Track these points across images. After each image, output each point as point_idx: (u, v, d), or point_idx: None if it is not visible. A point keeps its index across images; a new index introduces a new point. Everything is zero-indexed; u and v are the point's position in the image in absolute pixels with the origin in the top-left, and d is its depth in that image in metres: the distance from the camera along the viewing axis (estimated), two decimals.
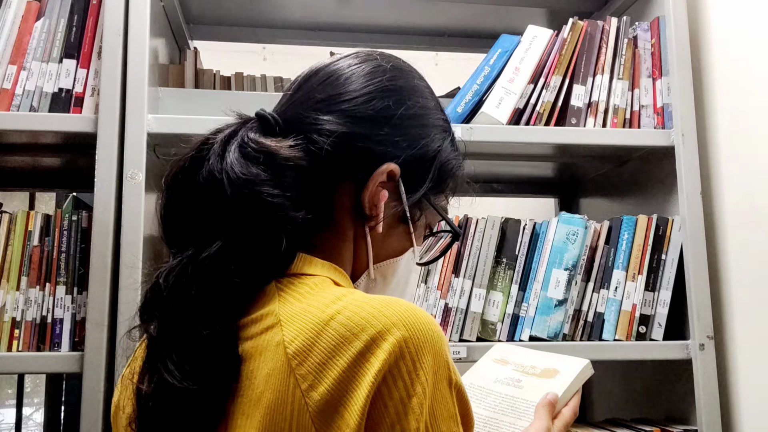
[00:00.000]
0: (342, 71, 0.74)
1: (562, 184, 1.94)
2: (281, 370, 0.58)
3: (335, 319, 0.59)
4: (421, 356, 0.58)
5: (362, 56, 0.77)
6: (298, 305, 0.62)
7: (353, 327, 0.58)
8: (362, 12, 1.75)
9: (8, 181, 1.68)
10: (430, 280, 1.34)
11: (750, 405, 1.32)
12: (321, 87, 0.73)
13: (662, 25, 1.46)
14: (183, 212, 0.67)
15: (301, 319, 0.60)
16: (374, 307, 0.59)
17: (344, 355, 0.57)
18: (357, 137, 0.71)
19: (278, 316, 0.61)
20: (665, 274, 1.38)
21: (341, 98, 0.72)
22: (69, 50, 1.29)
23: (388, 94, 0.74)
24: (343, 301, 0.61)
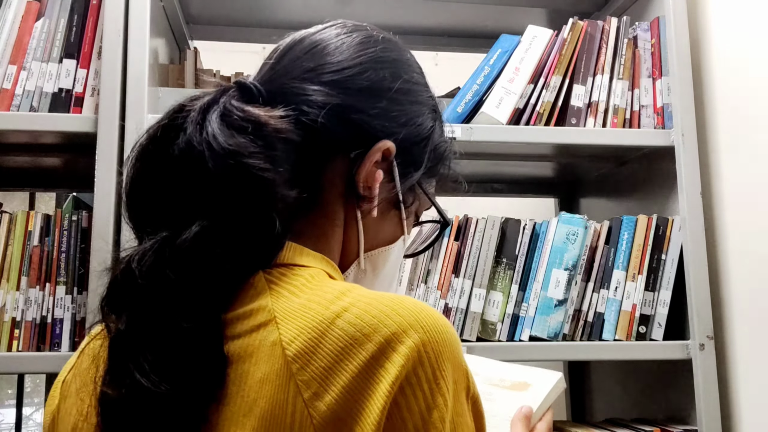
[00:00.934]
0: (330, 40, 0.69)
1: (562, 184, 1.94)
2: (279, 374, 0.50)
3: (342, 318, 0.51)
4: (441, 363, 0.51)
5: (351, 26, 0.72)
6: (295, 300, 0.54)
7: (363, 327, 0.51)
8: (362, 12, 1.75)
9: (8, 181, 1.68)
10: (430, 280, 1.34)
11: (750, 405, 1.32)
12: (308, 56, 0.66)
13: (662, 25, 1.46)
14: (154, 188, 0.58)
15: (301, 317, 0.52)
16: (385, 305, 0.52)
17: (354, 359, 0.50)
18: (351, 109, 0.65)
19: (272, 312, 0.53)
20: (665, 274, 1.38)
21: (331, 68, 0.66)
22: (69, 50, 1.29)
23: (383, 65, 0.69)
24: (349, 297, 0.53)
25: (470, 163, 1.68)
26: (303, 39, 0.69)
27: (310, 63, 0.66)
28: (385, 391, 0.48)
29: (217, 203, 0.55)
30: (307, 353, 0.50)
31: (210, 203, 0.55)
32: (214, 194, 0.55)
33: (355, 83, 0.66)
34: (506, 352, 1.34)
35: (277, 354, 0.50)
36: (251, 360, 0.51)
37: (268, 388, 0.50)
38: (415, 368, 0.50)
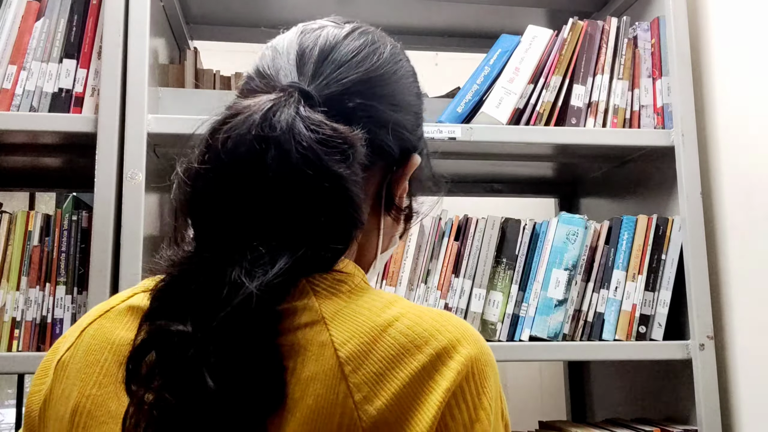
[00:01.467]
0: (367, 50, 0.68)
1: (562, 184, 1.94)
2: (329, 374, 0.50)
3: (394, 326, 0.53)
4: (486, 379, 0.53)
5: (372, 32, 0.72)
6: (341, 304, 0.55)
7: (416, 338, 0.52)
8: (362, 12, 1.75)
9: (8, 181, 1.68)
10: (430, 280, 1.34)
11: (750, 405, 1.32)
12: (350, 67, 0.65)
13: (662, 25, 1.46)
14: (232, 199, 0.56)
15: (351, 321, 0.53)
16: (435, 319, 0.54)
17: (406, 367, 0.51)
18: (400, 125, 0.66)
19: (320, 312, 0.54)
20: (665, 274, 1.38)
21: (380, 82, 0.65)
22: (69, 50, 1.29)
23: (411, 78, 0.70)
24: (398, 307, 0.55)
25: (470, 163, 1.69)
26: (336, 47, 0.68)
27: (358, 76, 0.65)
28: (437, 402, 0.50)
29: (307, 219, 0.56)
30: (360, 356, 0.51)
31: (298, 217, 0.56)
32: (305, 209, 0.56)
33: (400, 99, 0.67)
34: (506, 352, 1.34)
35: (328, 354, 0.51)
36: (297, 358, 0.52)
37: (316, 387, 0.50)
38: (464, 381, 0.51)
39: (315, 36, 0.68)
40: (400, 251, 1.33)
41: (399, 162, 0.67)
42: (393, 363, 0.51)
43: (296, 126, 0.56)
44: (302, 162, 0.55)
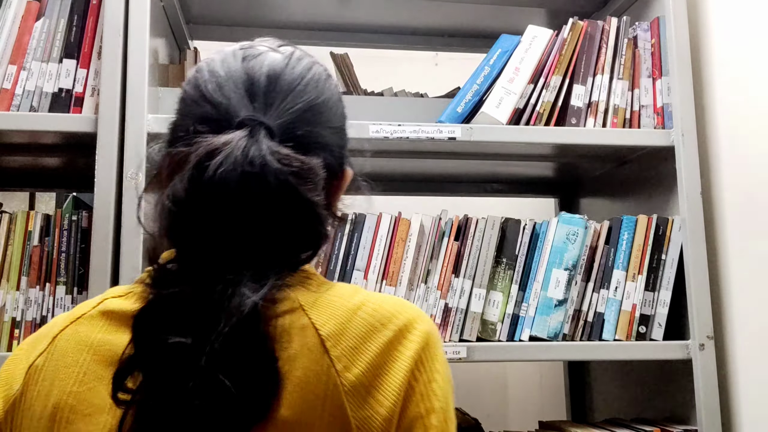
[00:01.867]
0: (306, 75, 0.73)
1: (562, 184, 1.94)
2: (312, 350, 0.61)
3: (362, 309, 0.65)
4: (437, 349, 0.66)
5: (305, 56, 0.77)
6: (314, 295, 0.66)
7: (381, 317, 0.64)
8: (362, 12, 1.75)
9: (8, 181, 1.68)
10: (430, 280, 1.34)
11: (750, 405, 1.32)
12: (296, 96, 0.71)
13: (662, 25, 1.46)
14: (207, 214, 0.64)
15: (326, 307, 0.64)
16: (394, 302, 0.67)
17: (376, 341, 0.63)
18: (338, 146, 0.75)
19: (297, 301, 0.64)
20: (665, 274, 1.38)
21: (320, 108, 0.72)
22: (69, 50, 1.29)
23: (339, 98, 0.77)
24: (362, 294, 0.67)
25: (470, 163, 1.69)
26: (281, 75, 0.72)
27: (303, 104, 0.71)
28: (404, 366, 0.62)
29: (286, 237, 0.65)
30: (338, 334, 0.62)
31: (278, 237, 0.65)
32: (284, 230, 0.65)
33: (335, 120, 0.75)
34: (506, 352, 1.34)
35: (310, 334, 0.62)
36: (282, 339, 0.61)
37: (303, 361, 0.60)
38: (423, 349, 0.64)
39: (259, 63, 0.72)
40: (400, 251, 1.33)
41: (338, 177, 0.75)
42: (365, 338, 0.63)
43: (271, 162, 0.63)
44: (280, 193, 0.63)
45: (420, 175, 1.82)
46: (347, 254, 1.32)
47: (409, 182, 1.87)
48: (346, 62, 1.70)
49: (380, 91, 1.74)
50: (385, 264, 1.33)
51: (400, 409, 0.61)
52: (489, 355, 1.32)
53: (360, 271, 1.32)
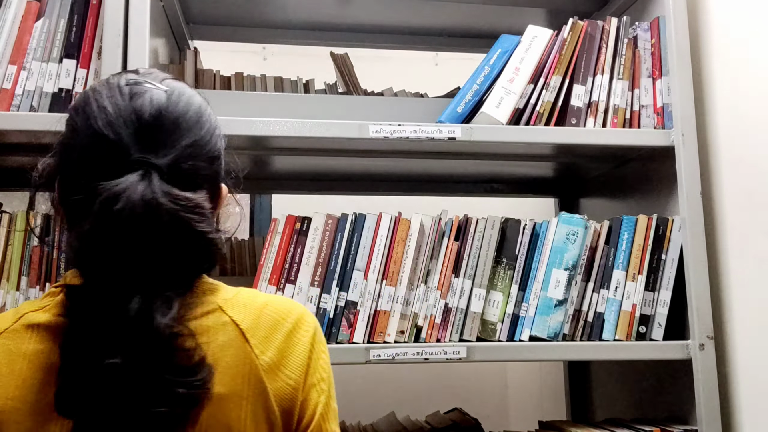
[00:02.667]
0: (188, 111, 0.82)
1: (562, 184, 1.94)
2: (237, 341, 0.78)
3: (267, 308, 0.82)
4: (321, 335, 0.86)
5: (182, 87, 0.85)
6: (228, 298, 0.82)
7: (281, 314, 0.83)
8: (362, 12, 1.75)
9: (8, 181, 1.67)
10: (430, 280, 1.34)
11: (750, 405, 1.32)
12: (180, 133, 0.80)
13: (662, 25, 1.46)
14: (115, 248, 0.73)
15: (241, 307, 0.81)
16: (284, 301, 0.85)
17: (280, 331, 0.81)
18: (218, 174, 0.86)
19: (216, 303, 0.80)
20: (665, 274, 1.38)
21: (201, 141, 0.82)
22: (69, 50, 1.29)
23: (218, 124, 0.87)
24: (261, 296, 0.85)
25: (470, 163, 1.69)
26: (165, 112, 0.80)
27: (187, 139, 0.80)
28: (304, 348, 0.82)
29: (187, 261, 0.78)
30: (253, 327, 0.80)
31: (181, 262, 0.76)
32: (186, 256, 0.77)
33: (215, 150, 0.85)
34: (506, 352, 1.34)
35: (231, 329, 0.79)
36: (207, 334, 0.77)
37: (230, 350, 0.77)
38: (313, 336, 0.84)
39: (146, 101, 0.79)
40: (400, 251, 1.33)
41: (217, 196, 0.87)
42: (272, 329, 0.81)
43: (164, 204, 0.74)
44: (174, 228, 0.74)
45: (420, 175, 1.82)
46: (347, 254, 1.32)
47: (409, 182, 1.87)
48: (346, 62, 1.70)
49: (380, 91, 1.74)
50: (385, 264, 1.33)
51: (303, 379, 0.81)
52: (489, 355, 1.32)
53: (360, 271, 1.32)
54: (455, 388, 2.26)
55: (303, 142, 1.38)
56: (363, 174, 1.79)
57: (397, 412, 1.70)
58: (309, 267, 1.31)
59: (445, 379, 2.27)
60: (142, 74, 0.84)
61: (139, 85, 0.81)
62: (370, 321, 1.30)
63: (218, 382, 0.75)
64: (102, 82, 0.83)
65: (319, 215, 1.33)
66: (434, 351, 1.29)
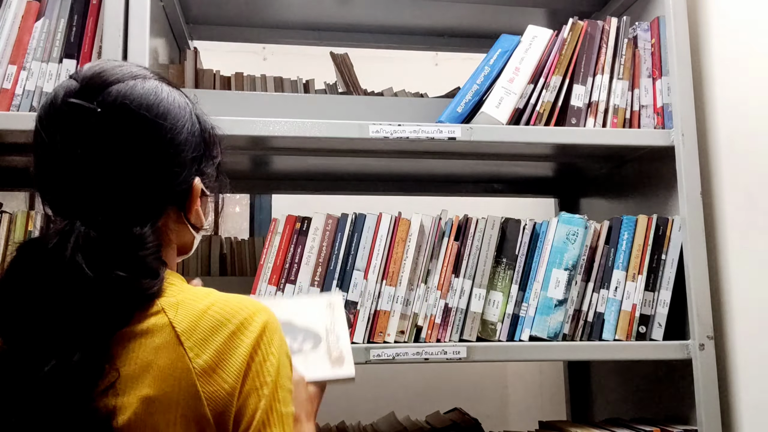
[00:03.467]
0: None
1: (562, 184, 1.94)
2: (170, 343, 0.76)
3: (211, 309, 0.79)
4: (273, 334, 0.81)
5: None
6: (174, 299, 0.80)
7: (226, 314, 0.79)
8: (362, 12, 1.75)
9: (8, 181, 1.68)
10: (430, 280, 1.34)
11: (750, 405, 1.32)
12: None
13: (662, 25, 1.46)
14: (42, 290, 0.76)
15: (182, 308, 0.79)
16: (237, 301, 0.81)
17: (221, 333, 0.78)
18: (178, 179, 0.86)
19: (160, 305, 0.78)
20: (665, 274, 1.38)
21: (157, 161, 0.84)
22: (69, 50, 1.29)
23: (188, 126, 0.88)
24: (212, 296, 0.82)
25: (470, 163, 1.69)
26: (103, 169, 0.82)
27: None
28: (244, 351, 0.78)
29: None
30: (191, 330, 0.77)
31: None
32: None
33: (180, 160, 0.86)
34: (506, 352, 1.34)
35: (168, 331, 0.77)
36: (146, 335, 0.76)
37: (162, 353, 0.76)
38: (260, 337, 0.80)
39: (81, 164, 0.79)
40: (400, 251, 1.33)
41: (184, 196, 0.86)
42: (212, 331, 0.78)
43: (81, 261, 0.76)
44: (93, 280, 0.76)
45: (420, 175, 1.82)
46: (347, 254, 1.32)
47: (409, 182, 1.87)
48: (346, 62, 1.70)
49: (380, 91, 1.74)
50: (385, 264, 1.33)
51: (240, 384, 0.77)
52: (489, 355, 1.32)
53: (360, 271, 1.32)
54: (455, 388, 2.26)
55: (303, 142, 1.38)
56: (363, 174, 1.79)
57: (397, 412, 1.70)
58: (309, 267, 1.31)
59: (445, 379, 2.27)
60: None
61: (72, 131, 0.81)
62: (370, 321, 1.30)
63: (148, 385, 0.74)
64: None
65: (319, 215, 1.33)
66: (434, 351, 1.29)
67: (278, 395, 0.79)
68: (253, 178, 1.86)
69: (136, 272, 0.77)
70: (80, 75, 0.82)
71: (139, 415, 0.73)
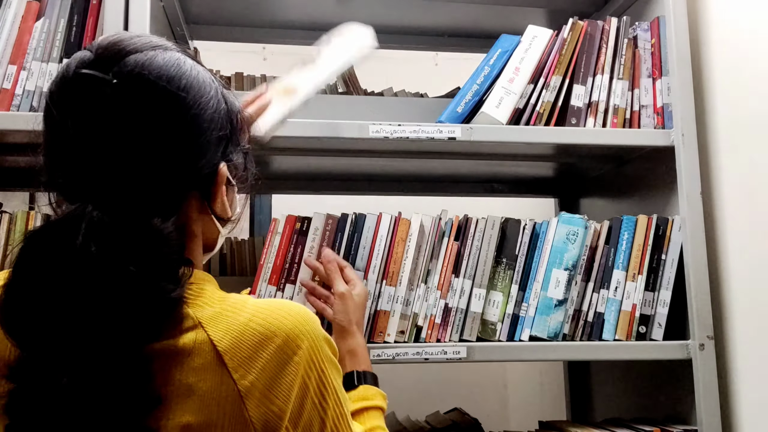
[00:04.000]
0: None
1: (562, 184, 1.94)
2: (213, 363, 0.69)
3: (253, 321, 0.72)
4: (323, 345, 0.75)
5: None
6: (210, 310, 0.72)
7: (269, 327, 0.72)
8: (362, 12, 1.75)
9: (8, 181, 1.68)
10: (430, 280, 1.34)
11: (750, 405, 1.32)
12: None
13: (662, 25, 1.46)
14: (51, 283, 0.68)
15: (222, 322, 0.71)
16: (278, 311, 0.74)
17: (267, 350, 0.71)
18: (194, 165, 0.79)
19: (196, 319, 0.71)
20: (665, 274, 1.38)
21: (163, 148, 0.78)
22: (69, 50, 1.29)
23: (208, 115, 0.81)
24: (250, 307, 0.73)
25: (470, 163, 1.69)
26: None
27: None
28: (295, 368, 0.71)
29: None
30: (234, 348, 0.70)
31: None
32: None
33: (193, 143, 0.79)
34: (506, 352, 1.34)
35: (208, 350, 0.69)
36: (185, 355, 0.69)
37: (205, 374, 0.68)
38: (310, 351, 0.73)
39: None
40: (400, 251, 1.33)
41: (208, 182, 0.78)
42: (257, 348, 0.70)
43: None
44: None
45: (420, 175, 1.82)
46: (347, 254, 1.32)
47: (409, 182, 1.87)
48: None
49: (380, 91, 1.74)
50: (385, 264, 1.33)
51: (296, 405, 0.71)
52: (489, 355, 1.32)
53: (360, 271, 1.32)
54: (455, 388, 2.26)
55: (303, 142, 1.38)
56: (363, 174, 1.79)
57: (397, 412, 1.70)
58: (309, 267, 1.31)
59: (445, 379, 2.28)
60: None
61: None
62: (370, 321, 1.30)
63: (190, 411, 0.67)
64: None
65: (319, 215, 1.33)
66: (434, 351, 1.29)
67: (338, 411, 0.76)
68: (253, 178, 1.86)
69: (155, 271, 0.68)
70: (95, 45, 0.73)
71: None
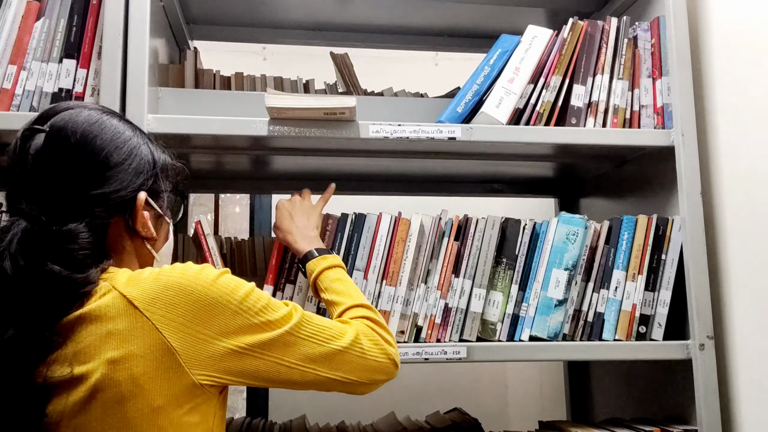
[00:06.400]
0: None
1: (562, 184, 1.94)
2: (126, 309, 0.86)
3: (157, 279, 0.90)
4: (212, 284, 0.92)
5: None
6: (124, 278, 0.90)
7: (168, 280, 0.89)
8: (362, 12, 1.75)
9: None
10: (430, 280, 1.34)
11: (750, 405, 1.32)
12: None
13: (662, 25, 1.46)
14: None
15: (132, 283, 0.89)
16: (178, 267, 0.92)
17: (168, 292, 0.88)
18: (116, 195, 0.97)
19: (111, 287, 0.88)
20: (665, 274, 1.38)
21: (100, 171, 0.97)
22: (69, 50, 1.29)
23: (126, 149, 1.00)
24: (157, 270, 0.91)
25: (470, 163, 1.69)
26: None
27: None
28: (193, 300, 0.90)
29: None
30: (141, 295, 0.88)
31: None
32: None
33: (121, 177, 0.99)
34: (506, 352, 1.34)
35: (121, 302, 0.87)
36: (100, 311, 0.86)
37: (121, 318, 0.86)
38: (201, 292, 0.91)
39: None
40: (400, 251, 1.33)
41: (128, 206, 0.96)
42: (159, 292, 0.88)
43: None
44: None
45: (420, 175, 1.82)
46: (347, 254, 1.32)
47: (409, 182, 1.88)
48: (346, 62, 1.70)
49: (380, 91, 1.74)
50: (385, 264, 1.33)
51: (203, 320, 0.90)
52: (489, 355, 1.32)
53: (360, 271, 1.32)
54: (455, 388, 2.26)
55: (303, 142, 1.38)
56: (363, 174, 1.80)
57: (397, 412, 1.70)
58: None
59: (445, 379, 2.28)
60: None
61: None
62: None
63: (111, 348, 0.85)
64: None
65: None
66: (434, 351, 1.29)
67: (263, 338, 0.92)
68: (253, 178, 1.86)
69: (67, 265, 0.87)
70: (44, 110, 0.99)
71: (107, 374, 0.84)
